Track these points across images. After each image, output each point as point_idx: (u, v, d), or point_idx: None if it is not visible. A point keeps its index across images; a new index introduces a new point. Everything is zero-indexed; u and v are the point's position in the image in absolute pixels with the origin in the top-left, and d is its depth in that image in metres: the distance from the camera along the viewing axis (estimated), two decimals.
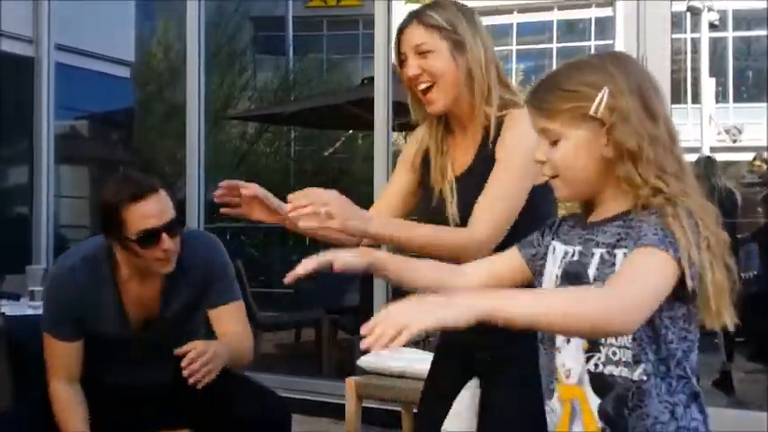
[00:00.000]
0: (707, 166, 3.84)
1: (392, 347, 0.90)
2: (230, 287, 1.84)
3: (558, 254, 1.07)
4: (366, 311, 3.40)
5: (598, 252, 1.01)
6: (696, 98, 9.47)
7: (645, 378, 0.98)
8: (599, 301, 0.90)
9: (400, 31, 1.36)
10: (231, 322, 1.81)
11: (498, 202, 1.28)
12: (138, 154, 7.97)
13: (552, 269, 1.07)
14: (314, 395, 3.27)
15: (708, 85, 9.79)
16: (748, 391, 3.61)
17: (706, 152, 7.61)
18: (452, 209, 1.35)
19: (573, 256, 1.05)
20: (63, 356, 1.74)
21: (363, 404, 2.55)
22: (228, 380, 1.82)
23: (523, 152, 1.22)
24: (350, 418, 2.51)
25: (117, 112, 6.85)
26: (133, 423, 1.78)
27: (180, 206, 3.68)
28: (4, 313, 2.35)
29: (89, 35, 5.21)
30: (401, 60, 1.35)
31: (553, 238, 1.10)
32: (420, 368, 2.44)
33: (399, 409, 2.66)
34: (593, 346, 1.01)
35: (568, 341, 1.03)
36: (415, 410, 2.61)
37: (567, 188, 1.04)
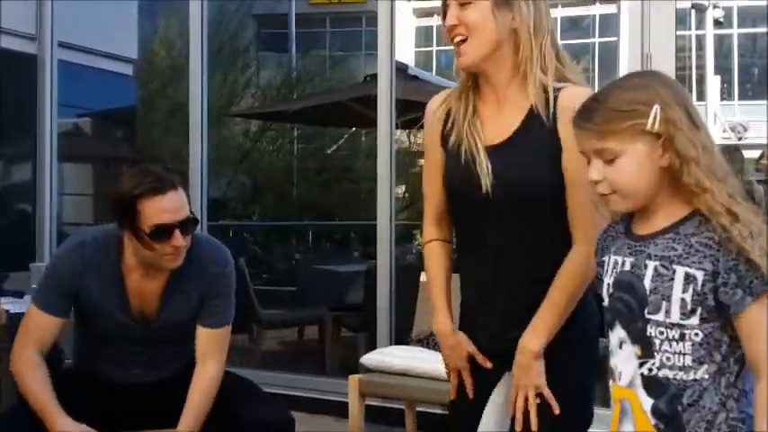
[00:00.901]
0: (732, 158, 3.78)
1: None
2: (226, 308, 1.82)
3: (610, 264, 1.14)
4: (369, 309, 3.40)
5: (652, 264, 1.08)
6: (701, 96, 9.44)
7: (707, 377, 1.06)
8: None
9: None
10: (212, 346, 1.79)
11: (593, 208, 1.21)
12: (141, 151, 7.97)
13: (606, 279, 1.15)
14: (317, 393, 3.27)
15: (713, 82, 9.76)
16: None
17: None
18: (485, 179, 1.30)
19: (623, 266, 1.12)
20: (41, 329, 1.73)
21: (366, 402, 2.55)
22: (232, 386, 1.83)
23: None
24: (353, 416, 2.51)
25: (120, 110, 6.85)
26: (130, 423, 1.77)
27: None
28: (7, 311, 2.35)
29: (92, 32, 5.20)
30: (444, 12, 1.33)
31: (603, 255, 1.17)
32: (423, 366, 2.44)
33: (403, 406, 2.66)
34: (646, 353, 1.08)
35: (620, 346, 1.11)
36: (418, 409, 2.62)
37: (627, 202, 1.10)
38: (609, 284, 1.13)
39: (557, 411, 1.27)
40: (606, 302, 1.14)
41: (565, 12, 14.03)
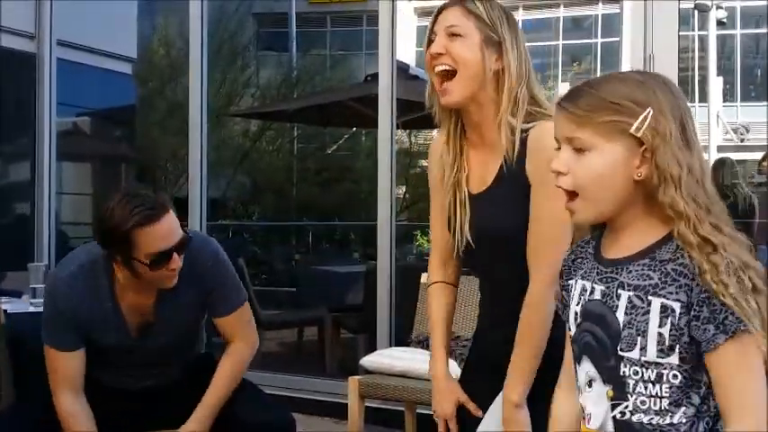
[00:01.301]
0: (724, 170, 3.73)
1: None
2: (232, 292, 1.81)
3: (577, 290, 1.04)
4: (369, 310, 3.38)
5: (625, 295, 0.97)
6: (703, 97, 9.42)
7: (684, 420, 0.96)
8: None
9: (439, 11, 1.32)
10: (235, 330, 1.80)
11: (547, 237, 1.22)
12: (140, 151, 7.96)
13: (572, 306, 1.04)
14: (316, 394, 3.25)
15: (715, 83, 9.74)
16: None
17: (713, 152, 7.56)
18: (465, 227, 1.31)
19: (592, 293, 1.01)
20: (66, 367, 1.71)
21: (366, 403, 2.54)
22: (234, 388, 1.80)
23: None
24: (352, 418, 2.50)
25: (119, 109, 6.82)
26: (134, 426, 1.76)
27: (182, 204, 3.68)
28: (5, 310, 2.34)
29: (91, 31, 5.19)
30: (430, 40, 1.31)
31: (569, 277, 1.06)
32: (423, 368, 2.42)
33: (402, 408, 2.64)
34: (619, 395, 0.98)
35: (590, 384, 1.01)
36: (417, 411, 2.60)
37: (588, 208, 0.98)
38: (576, 313, 1.02)
39: None
40: (573, 332, 1.03)
41: (567, 12, 14.04)
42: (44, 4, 4.10)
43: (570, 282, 1.05)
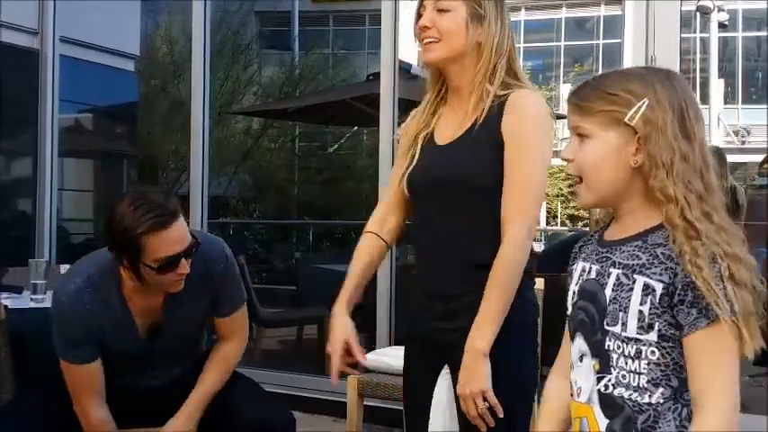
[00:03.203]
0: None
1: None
2: (236, 294, 1.82)
3: (577, 271, 1.10)
4: (369, 309, 3.39)
5: (615, 272, 1.02)
6: (705, 99, 9.43)
7: (662, 401, 0.99)
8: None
9: None
10: (232, 328, 1.83)
11: (524, 193, 1.31)
12: (141, 148, 7.97)
13: (572, 286, 1.10)
14: (316, 393, 3.26)
15: (716, 85, 9.74)
16: (752, 395, 3.59)
17: None
18: (415, 173, 1.41)
19: (589, 273, 1.07)
20: (90, 377, 1.71)
21: (365, 402, 2.54)
22: (234, 385, 1.82)
23: (537, 137, 1.32)
24: (351, 416, 2.50)
25: (121, 106, 6.83)
26: (137, 423, 1.77)
27: (183, 202, 3.69)
28: (6, 306, 2.34)
29: (94, 28, 5.19)
30: (419, 14, 1.41)
31: (575, 262, 1.12)
32: None
33: (401, 407, 2.64)
34: (603, 368, 1.02)
35: (581, 359, 1.05)
36: None
37: (590, 193, 1.04)
38: (574, 292, 1.08)
39: (501, 415, 1.28)
40: (569, 311, 1.09)
41: (569, 13, 14.03)
42: (47, 1, 4.11)
43: (573, 267, 1.11)
